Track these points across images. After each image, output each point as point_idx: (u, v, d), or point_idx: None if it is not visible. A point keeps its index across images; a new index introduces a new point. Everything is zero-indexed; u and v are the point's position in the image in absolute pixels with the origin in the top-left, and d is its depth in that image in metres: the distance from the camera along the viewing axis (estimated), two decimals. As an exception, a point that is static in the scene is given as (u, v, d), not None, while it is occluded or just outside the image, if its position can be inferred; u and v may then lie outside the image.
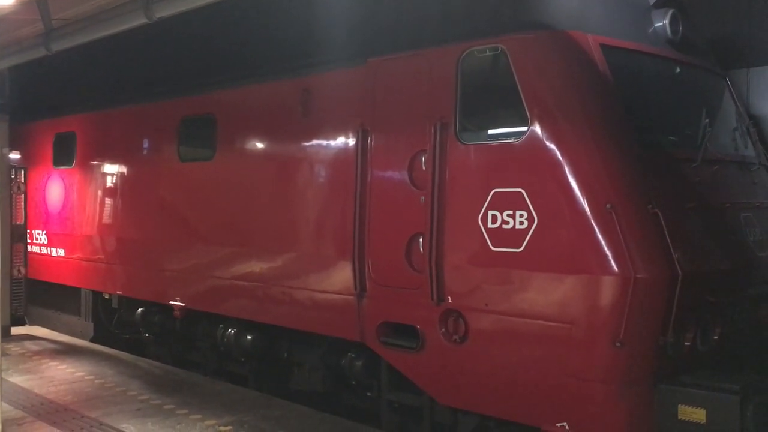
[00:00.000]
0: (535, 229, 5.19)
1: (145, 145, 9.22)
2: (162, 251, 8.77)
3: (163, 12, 6.75)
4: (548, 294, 5.16)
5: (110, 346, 10.22)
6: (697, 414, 4.79)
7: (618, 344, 4.86)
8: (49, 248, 11.13)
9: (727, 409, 4.70)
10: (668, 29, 6.05)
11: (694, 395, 4.83)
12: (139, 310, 9.53)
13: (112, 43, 8.43)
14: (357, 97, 6.47)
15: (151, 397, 7.68)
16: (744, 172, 6.26)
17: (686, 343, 5.12)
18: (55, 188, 11.00)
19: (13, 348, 10.13)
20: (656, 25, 6.06)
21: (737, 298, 5.57)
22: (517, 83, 5.36)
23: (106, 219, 9.82)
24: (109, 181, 9.86)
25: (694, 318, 5.15)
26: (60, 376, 8.59)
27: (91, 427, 6.75)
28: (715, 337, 5.39)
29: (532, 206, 5.21)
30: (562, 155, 5.16)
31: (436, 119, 5.78)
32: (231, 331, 8.03)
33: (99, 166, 10.09)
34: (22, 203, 11.23)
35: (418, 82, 5.97)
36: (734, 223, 5.73)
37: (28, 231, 11.32)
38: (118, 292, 9.80)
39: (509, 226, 5.32)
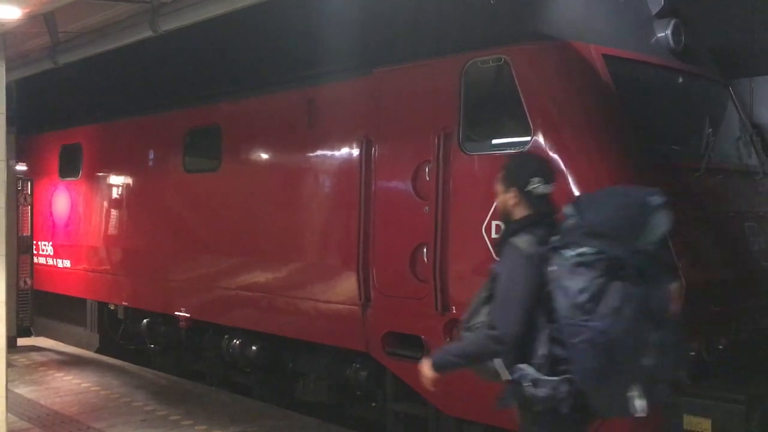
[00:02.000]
0: (539, 238, 5.19)
1: (151, 156, 9.27)
2: (167, 262, 8.79)
3: (168, 25, 6.80)
4: (552, 304, 5.15)
5: (116, 357, 10.24)
6: (702, 424, 4.77)
7: (623, 354, 4.84)
8: (55, 259, 11.17)
9: (732, 419, 4.68)
10: (671, 39, 6.06)
11: (700, 405, 4.81)
12: (145, 320, 9.55)
13: (118, 55, 8.49)
14: (362, 108, 6.51)
15: (156, 407, 7.69)
16: (748, 182, 6.25)
17: (691, 353, 5.11)
18: (61, 200, 11.05)
19: (20, 359, 10.15)
20: (659, 35, 6.07)
21: (742, 308, 5.56)
22: (520, 93, 5.38)
23: (112, 230, 9.85)
24: (115, 193, 9.90)
25: (699, 328, 5.14)
26: (66, 387, 8.60)
27: (97, 438, 6.78)
28: (721, 347, 5.37)
29: (536, 216, 5.21)
30: (565, 165, 5.17)
31: (439, 129, 5.81)
32: (236, 341, 8.04)
33: (105, 177, 10.14)
34: (29, 215, 11.27)
35: (422, 92, 6.00)
36: (738, 233, 5.72)
37: (35, 242, 11.37)
38: (123, 303, 9.82)
39: (513, 236, 5.32)
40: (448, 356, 3.52)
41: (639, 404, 3.00)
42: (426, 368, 3.59)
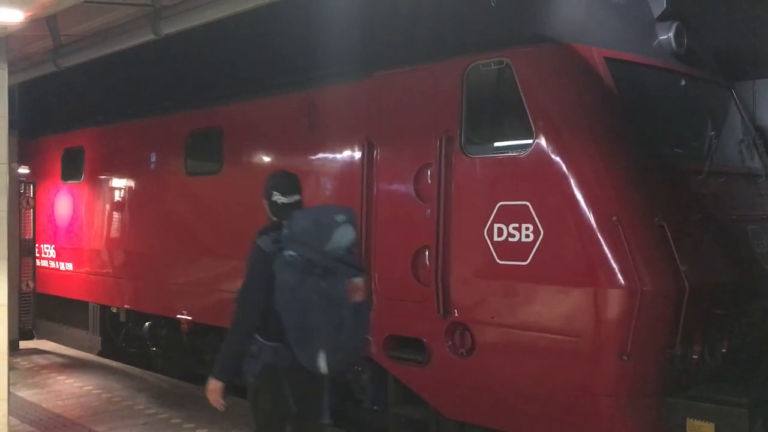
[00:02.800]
0: (541, 241, 5.18)
1: (153, 159, 9.27)
2: (169, 265, 8.79)
3: (170, 28, 6.81)
4: (554, 307, 5.15)
5: (118, 360, 10.23)
6: (705, 428, 4.76)
7: (625, 357, 4.84)
8: (57, 262, 11.17)
9: (735, 422, 4.67)
10: (673, 42, 6.06)
11: (703, 409, 4.80)
12: (147, 323, 9.54)
13: (120, 58, 8.50)
14: (363, 111, 6.50)
15: (158, 411, 7.68)
16: (750, 184, 6.24)
17: (694, 356, 5.10)
18: (63, 203, 11.06)
19: (22, 362, 10.15)
20: (661, 37, 6.07)
21: (745, 311, 5.54)
22: (522, 96, 5.38)
23: (114, 233, 9.85)
24: (117, 196, 9.90)
25: (702, 331, 5.13)
26: (67, 390, 8.60)
27: (98, 441, 6.78)
28: (723, 350, 5.36)
29: (538, 219, 5.21)
30: (567, 168, 5.16)
31: (441, 132, 5.80)
32: (238, 344, 8.02)
33: (107, 180, 10.14)
34: (31, 218, 11.28)
35: (424, 95, 5.99)
36: (741, 236, 5.71)
37: (37, 245, 11.37)
38: (125, 306, 9.82)
39: (515, 239, 5.32)
40: (222, 362, 4.41)
41: (322, 364, 4.05)
42: (210, 384, 4.46)
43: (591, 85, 5.37)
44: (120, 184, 9.90)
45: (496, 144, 5.71)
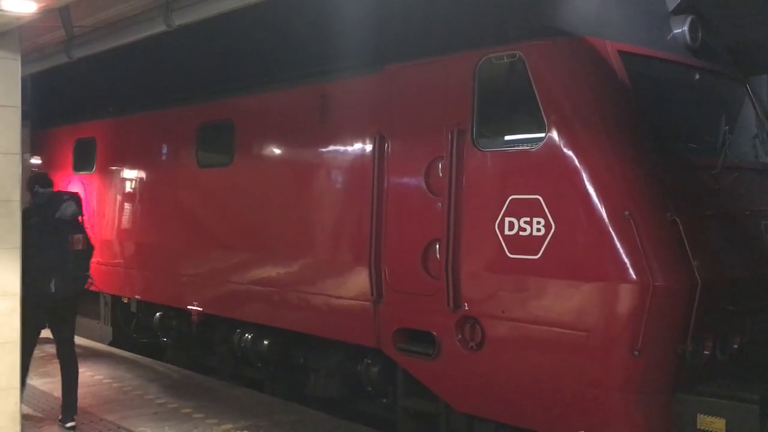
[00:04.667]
0: (552, 236, 5.17)
1: (164, 150, 9.30)
2: (180, 256, 8.82)
3: (182, 20, 6.82)
4: (565, 301, 5.13)
5: (128, 350, 10.29)
6: (716, 424, 4.74)
7: (636, 353, 4.82)
8: (68, 252, 11.21)
9: (746, 418, 4.65)
10: (687, 36, 6.02)
11: (714, 405, 4.79)
12: (157, 314, 9.59)
13: (132, 50, 8.52)
14: (374, 104, 6.49)
15: (168, 400, 7.73)
16: (764, 179, 6.20)
17: (705, 352, 5.08)
18: (74, 193, 11.09)
19: (34, 351, 10.20)
20: (675, 31, 6.03)
21: (757, 307, 5.51)
22: (535, 90, 5.35)
23: (125, 224, 9.90)
24: (128, 187, 9.94)
25: (714, 326, 5.10)
26: (79, 380, 8.64)
27: (109, 430, 6.81)
28: (735, 346, 5.34)
29: (550, 213, 5.19)
30: (579, 162, 5.14)
31: (453, 126, 5.78)
32: (248, 336, 8.07)
33: (118, 171, 10.18)
34: (43, 208, 11.30)
35: (436, 89, 5.98)
36: (754, 231, 5.67)
37: (49, 235, 11.41)
38: (136, 297, 9.87)
39: (526, 233, 5.31)
40: None
41: (52, 287, 6.58)
42: None
43: (604, 79, 5.34)
44: (131, 175, 9.93)
45: (508, 138, 5.69)
